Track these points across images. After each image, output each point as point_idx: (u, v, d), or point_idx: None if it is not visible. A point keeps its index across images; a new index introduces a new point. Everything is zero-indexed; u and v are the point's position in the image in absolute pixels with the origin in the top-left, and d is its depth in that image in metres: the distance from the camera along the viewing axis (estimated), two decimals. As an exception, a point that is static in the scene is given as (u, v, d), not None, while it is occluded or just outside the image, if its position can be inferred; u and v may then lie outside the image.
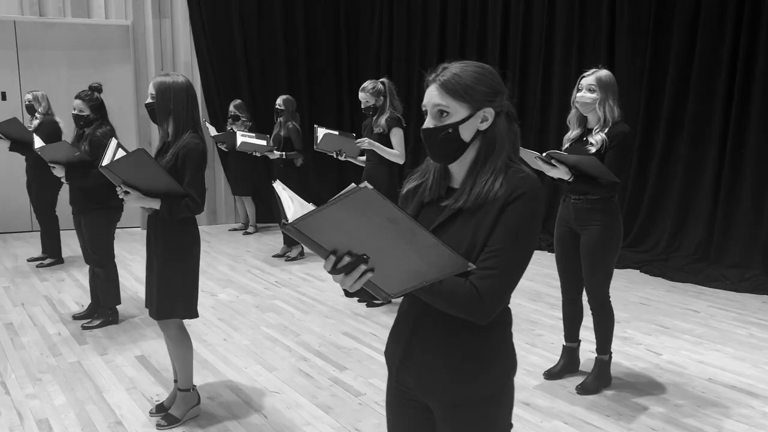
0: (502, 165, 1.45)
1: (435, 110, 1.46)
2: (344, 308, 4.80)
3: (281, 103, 6.07)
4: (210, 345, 4.05)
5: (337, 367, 3.72)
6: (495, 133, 1.47)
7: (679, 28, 5.66)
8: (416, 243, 1.21)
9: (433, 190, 1.54)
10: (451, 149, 1.47)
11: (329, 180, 8.63)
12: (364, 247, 1.25)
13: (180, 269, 2.88)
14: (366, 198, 1.13)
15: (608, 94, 3.18)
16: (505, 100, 1.49)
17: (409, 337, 1.54)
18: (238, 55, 8.02)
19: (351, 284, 1.30)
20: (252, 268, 6.02)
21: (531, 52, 6.95)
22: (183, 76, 2.90)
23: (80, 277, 5.56)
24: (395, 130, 4.56)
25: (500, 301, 1.39)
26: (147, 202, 2.77)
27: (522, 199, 1.39)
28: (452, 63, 1.49)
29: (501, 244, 1.38)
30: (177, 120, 2.83)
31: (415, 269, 1.28)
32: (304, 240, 1.25)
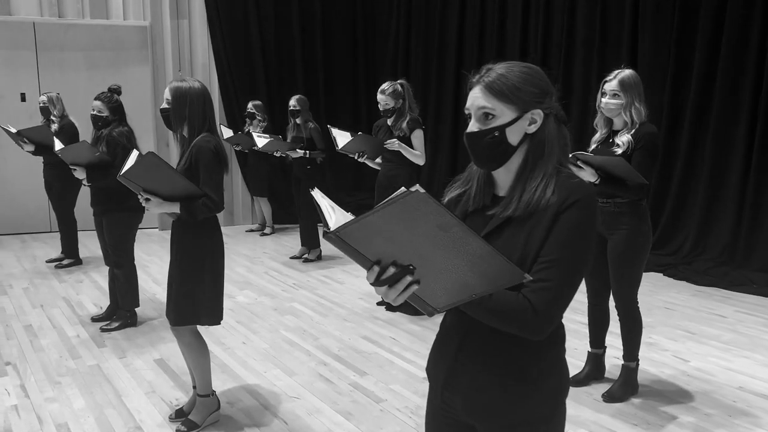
0: (552, 170, 1.38)
1: (480, 113, 1.39)
2: (363, 311, 4.75)
3: (295, 103, 6.01)
4: (229, 348, 4.02)
5: (357, 372, 3.67)
6: (544, 136, 1.39)
7: (704, 24, 5.53)
8: (468, 252, 1.14)
9: (477, 198, 1.47)
10: (497, 153, 1.39)
11: (345, 179, 8.58)
12: (410, 257, 1.18)
13: (198, 276, 2.84)
14: (417, 202, 1.06)
15: (633, 96, 3.10)
16: (554, 102, 1.41)
17: (456, 355, 1.46)
18: (255, 56, 8.01)
19: (395, 297, 1.23)
20: (269, 269, 5.99)
21: (551, 51, 6.85)
22: (199, 82, 2.86)
23: (98, 279, 5.56)
24: (417, 131, 4.51)
25: (556, 315, 1.32)
26: (167, 207, 2.74)
27: (577, 206, 1.32)
28: (496, 63, 1.42)
29: (556, 255, 1.31)
30: (192, 126, 2.80)
31: (464, 281, 1.21)
32: (346, 249, 1.19)
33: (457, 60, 7.78)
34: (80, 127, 5.62)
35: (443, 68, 7.98)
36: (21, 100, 7.32)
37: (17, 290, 5.27)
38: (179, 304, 2.84)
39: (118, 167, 4.00)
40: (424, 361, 3.76)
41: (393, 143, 4.48)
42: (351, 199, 8.65)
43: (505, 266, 1.17)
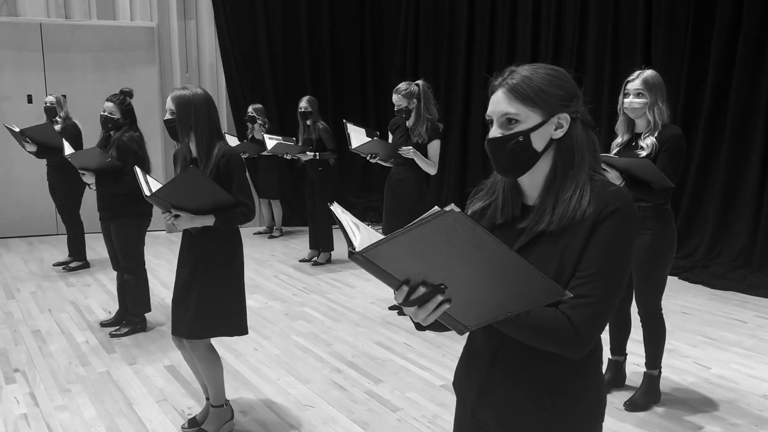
0: (585, 178, 1.31)
1: (503, 118, 1.32)
2: (375, 316, 4.68)
3: (306, 105, 5.93)
4: (240, 355, 3.95)
5: (372, 379, 3.59)
6: (572, 141, 1.32)
7: (720, 21, 5.43)
8: (504, 270, 1.08)
9: (506, 210, 1.39)
10: (521, 160, 1.31)
11: (353, 180, 8.51)
12: (441, 276, 1.12)
13: (223, 285, 2.78)
14: (453, 222, 1.01)
15: (657, 96, 3.03)
16: (581, 105, 1.34)
17: (488, 370, 1.39)
18: (262, 56, 7.95)
19: (425, 317, 1.16)
20: (279, 273, 5.92)
21: (563, 52, 6.77)
22: (201, 88, 2.78)
23: (106, 282, 5.50)
24: (435, 142, 4.42)
25: (597, 332, 1.25)
26: (199, 221, 2.67)
27: (615, 217, 1.25)
28: (520, 66, 1.34)
29: (594, 269, 1.24)
30: (199, 134, 2.71)
31: (499, 299, 1.15)
32: (372, 269, 1.12)
33: (467, 60, 7.70)
34: (84, 129, 5.56)
35: (452, 68, 7.90)
36: (28, 101, 7.27)
37: (24, 294, 5.21)
38: (200, 316, 2.76)
39: (128, 173, 3.94)
40: (439, 368, 3.69)
41: (408, 151, 4.40)
42: (359, 201, 8.58)
43: (544, 283, 1.11)
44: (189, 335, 2.81)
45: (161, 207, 2.69)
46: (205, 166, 2.71)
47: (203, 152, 2.72)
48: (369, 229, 1.18)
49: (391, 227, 4.58)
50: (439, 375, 3.63)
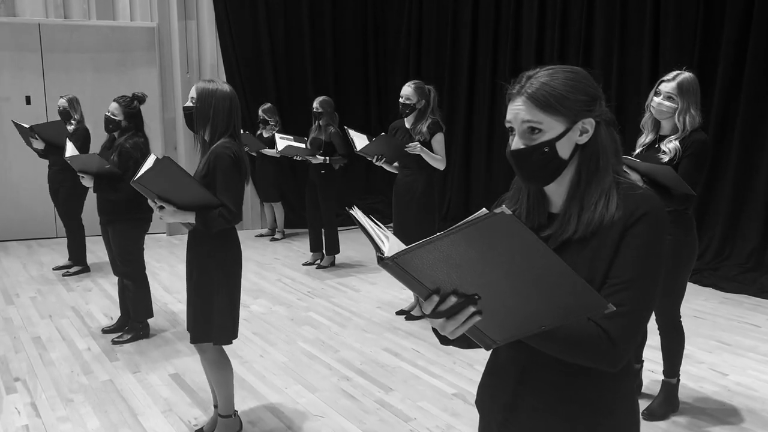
0: (610, 182, 1.25)
1: (524, 128, 1.25)
2: (382, 321, 4.59)
3: (318, 105, 5.84)
4: (246, 362, 3.86)
5: (382, 388, 3.51)
6: (597, 145, 1.26)
7: (730, 21, 5.36)
8: (549, 281, 1.01)
9: (531, 218, 1.33)
10: (548, 171, 1.26)
11: (356, 182, 8.41)
12: (475, 285, 1.05)
13: (216, 290, 2.69)
14: (502, 225, 0.93)
15: (689, 102, 2.94)
16: (604, 106, 1.28)
17: (515, 388, 1.32)
18: (264, 57, 7.84)
19: (453, 329, 1.09)
20: (282, 276, 5.83)
21: (569, 52, 6.69)
22: (227, 85, 2.72)
23: (107, 287, 5.41)
24: (438, 135, 4.34)
25: (634, 342, 1.19)
26: (181, 217, 2.59)
27: (645, 221, 1.19)
28: (537, 70, 1.27)
29: (627, 276, 1.18)
30: (214, 129, 2.65)
31: (534, 312, 1.08)
32: (402, 276, 1.05)
33: (470, 61, 7.62)
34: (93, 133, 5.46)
35: (456, 69, 7.81)
36: (26, 102, 7.17)
37: (24, 299, 5.12)
38: (197, 321, 2.69)
39: (127, 181, 3.85)
40: (451, 376, 3.61)
41: (415, 147, 4.31)
42: (362, 203, 8.49)
43: (589, 296, 1.03)
44: (191, 339, 2.74)
45: (147, 196, 2.63)
46: (202, 160, 2.65)
47: (207, 146, 2.66)
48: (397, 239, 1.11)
49: (402, 232, 4.49)
50: (451, 383, 3.54)
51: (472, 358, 3.88)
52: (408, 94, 4.36)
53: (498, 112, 7.43)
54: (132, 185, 2.59)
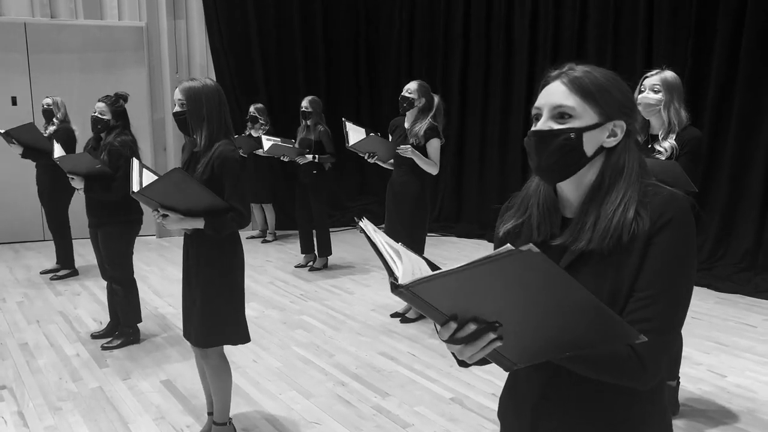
0: (633, 192, 1.17)
1: (555, 111, 1.18)
2: (377, 324, 4.53)
3: (307, 105, 5.77)
4: (239, 367, 3.79)
5: (379, 393, 3.45)
6: (624, 154, 1.19)
7: (723, 19, 5.34)
8: (574, 312, 0.96)
9: (543, 227, 1.25)
10: (567, 161, 1.18)
11: (349, 182, 8.34)
12: (496, 312, 0.99)
13: (225, 291, 2.63)
14: (529, 262, 0.88)
15: (674, 96, 2.92)
16: (637, 121, 1.23)
17: (539, 402, 1.25)
18: (255, 56, 7.76)
19: (472, 355, 1.03)
20: (275, 279, 5.76)
21: (562, 54, 6.66)
22: (211, 80, 2.66)
23: (96, 291, 5.31)
24: (433, 141, 4.28)
25: (665, 360, 1.12)
26: (189, 223, 2.51)
27: (671, 227, 1.12)
28: (579, 64, 1.22)
29: (655, 288, 1.10)
30: (210, 128, 2.58)
31: (560, 340, 1.02)
32: (417, 303, 0.99)
33: (463, 60, 7.57)
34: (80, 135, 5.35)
35: (448, 68, 7.76)
36: (12, 104, 7.05)
37: (11, 304, 5.02)
38: (206, 324, 2.62)
39: (119, 180, 3.77)
40: (447, 380, 3.56)
41: (406, 150, 4.26)
42: (355, 204, 8.43)
43: (617, 327, 0.97)
44: (196, 343, 2.67)
45: (149, 205, 2.55)
46: (201, 162, 2.56)
47: (206, 148, 2.58)
48: (409, 253, 1.05)
49: (393, 231, 4.44)
50: (448, 387, 3.49)
51: (468, 361, 3.83)
52: (410, 88, 4.30)
53: (490, 113, 7.40)
54: (133, 196, 2.51)
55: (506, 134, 7.21)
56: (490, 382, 3.53)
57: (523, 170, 7.02)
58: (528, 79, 6.91)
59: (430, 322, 4.52)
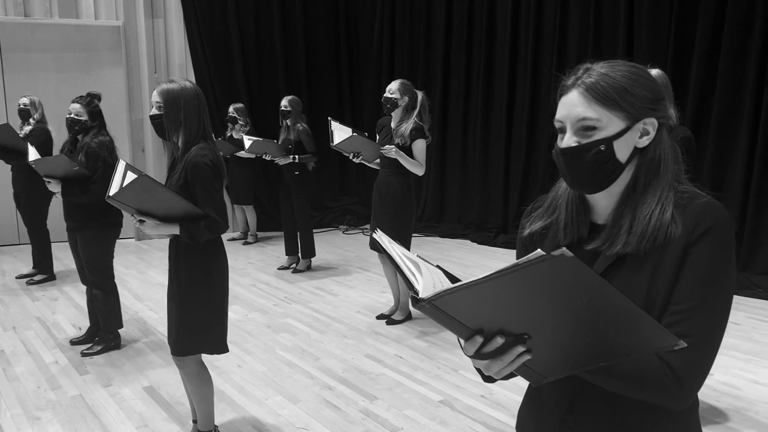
0: (668, 191, 1.12)
1: (579, 125, 1.11)
2: (362, 326, 4.48)
3: (287, 104, 5.70)
4: (224, 372, 3.72)
5: (367, 396, 3.40)
6: (659, 151, 1.14)
7: (703, 19, 5.38)
8: (608, 319, 0.90)
9: (570, 230, 1.20)
10: (603, 174, 1.12)
11: (331, 182, 8.27)
12: (524, 324, 0.94)
13: (204, 300, 2.56)
14: (562, 267, 0.83)
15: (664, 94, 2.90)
16: (669, 109, 1.17)
17: (565, 417, 1.19)
18: (234, 56, 7.66)
19: (500, 369, 0.98)
20: (257, 282, 5.69)
21: (543, 53, 6.67)
22: (190, 82, 2.58)
23: (75, 295, 5.19)
24: (419, 141, 4.24)
25: (704, 377, 1.06)
26: (165, 229, 2.44)
27: (710, 236, 1.06)
28: (595, 63, 1.15)
29: (693, 301, 1.05)
30: (188, 132, 2.50)
31: (592, 349, 0.97)
32: (440, 318, 0.94)
33: (444, 58, 7.56)
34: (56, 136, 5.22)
35: (430, 66, 7.74)
36: (-15, 104, 6.88)
37: (-14, 310, 4.89)
38: (181, 332, 2.55)
39: (98, 182, 3.68)
40: (436, 382, 3.53)
41: (390, 150, 4.22)
42: (336, 204, 8.38)
43: (655, 332, 0.92)
44: (174, 351, 2.60)
45: (126, 211, 2.49)
46: (176, 168, 2.50)
47: (183, 152, 2.51)
48: (427, 264, 1.00)
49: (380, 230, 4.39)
50: (437, 390, 3.45)
51: (456, 363, 3.80)
52: (392, 89, 4.26)
53: (472, 111, 7.39)
54: (108, 201, 2.44)
55: (488, 133, 7.21)
56: (479, 384, 3.50)
57: (505, 169, 7.03)
58: (509, 76, 6.92)
59: (416, 324, 4.49)
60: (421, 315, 4.67)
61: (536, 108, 6.76)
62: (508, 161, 7.04)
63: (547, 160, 6.67)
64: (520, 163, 6.92)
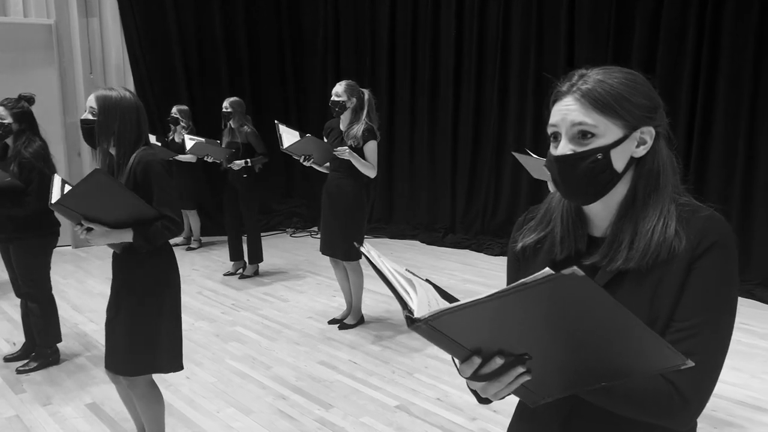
0: (669, 204, 1.09)
1: (574, 131, 1.08)
2: (314, 332, 4.41)
3: (228, 106, 5.56)
4: (171, 385, 3.58)
5: (322, 405, 3.34)
6: (656, 160, 1.10)
7: (641, 27, 5.55)
8: (617, 339, 0.87)
9: (567, 243, 1.16)
10: (599, 183, 1.08)
11: (276, 184, 8.10)
12: (525, 344, 0.91)
13: (157, 313, 2.45)
14: (571, 286, 0.79)
15: None
16: (665, 117, 1.13)
17: None
18: (175, 56, 7.43)
19: (497, 392, 0.94)
20: (203, 289, 5.53)
21: (487, 54, 6.74)
22: (131, 92, 2.45)
23: (8, 309, 4.92)
24: (370, 143, 4.20)
25: (709, 396, 1.04)
26: (116, 236, 2.31)
27: (714, 251, 1.04)
28: (590, 69, 1.12)
29: (698, 318, 1.02)
30: (122, 143, 2.38)
31: (595, 369, 0.93)
32: (436, 338, 0.90)
33: (390, 59, 7.54)
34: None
35: (375, 66, 7.70)
36: None
37: None
38: (135, 351, 2.42)
39: (32, 194, 3.48)
40: (391, 387, 3.50)
41: (343, 152, 4.16)
42: (283, 207, 8.25)
43: (663, 352, 0.88)
44: (124, 372, 2.47)
45: (70, 219, 2.33)
46: (120, 175, 2.38)
47: (122, 161, 2.39)
48: (420, 280, 0.95)
49: (330, 236, 4.34)
50: (393, 395, 3.42)
51: (411, 366, 3.78)
52: (338, 92, 4.21)
53: (418, 113, 7.40)
54: (52, 208, 2.29)
55: (434, 134, 7.25)
56: (435, 387, 3.49)
57: (452, 169, 7.08)
58: (455, 78, 6.97)
59: (369, 328, 4.45)
60: (374, 319, 4.63)
61: (481, 109, 6.83)
62: (455, 162, 7.09)
63: (493, 160, 6.75)
64: (467, 164, 6.98)
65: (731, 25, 5.03)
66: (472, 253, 6.68)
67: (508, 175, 6.67)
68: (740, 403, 3.27)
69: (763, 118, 4.98)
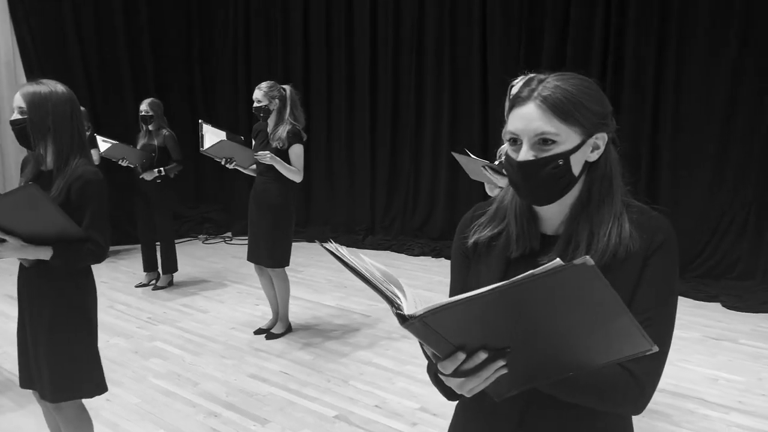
0: (622, 207, 1.16)
1: (537, 138, 1.11)
2: (240, 344, 4.25)
3: (147, 108, 5.25)
4: (91, 409, 3.27)
5: (257, 420, 3.21)
6: (608, 164, 1.17)
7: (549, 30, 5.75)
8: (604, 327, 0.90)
9: (522, 241, 1.19)
10: (559, 187, 1.13)
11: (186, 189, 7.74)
12: (508, 337, 0.92)
13: (77, 335, 2.25)
14: (579, 276, 0.81)
15: None
16: (614, 122, 1.19)
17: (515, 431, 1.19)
18: (72, 54, 6.92)
19: (474, 387, 0.97)
20: (114, 302, 5.20)
21: (403, 53, 6.78)
22: (62, 85, 2.25)
23: None
24: (296, 146, 4.09)
25: (658, 381, 1.11)
26: (32, 252, 2.10)
27: (664, 249, 1.12)
28: (547, 75, 1.15)
29: (651, 311, 1.10)
30: (59, 142, 2.18)
31: (567, 359, 0.96)
32: (425, 335, 0.89)
33: (304, 59, 7.41)
34: None
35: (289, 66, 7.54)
36: None
37: None
38: (57, 376, 2.21)
39: None
40: (328, 397, 3.42)
41: (265, 156, 4.02)
42: (194, 212, 7.93)
43: (637, 338, 0.92)
44: (50, 398, 2.26)
45: None
46: (55, 184, 2.17)
47: (61, 165, 2.18)
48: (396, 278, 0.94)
49: (256, 241, 4.19)
50: (330, 404, 3.34)
51: (345, 374, 3.71)
52: (258, 97, 4.07)
53: (335, 113, 7.32)
54: None
55: (352, 134, 7.21)
56: (372, 393, 3.45)
57: (371, 170, 7.06)
58: (371, 77, 6.96)
59: (298, 336, 4.34)
60: (301, 326, 4.52)
61: (398, 108, 6.85)
62: (374, 162, 7.08)
63: (412, 161, 6.80)
64: (386, 164, 6.98)
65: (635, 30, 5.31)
66: (393, 254, 6.69)
67: (427, 174, 6.74)
68: (661, 391, 3.44)
69: (665, 120, 5.30)
